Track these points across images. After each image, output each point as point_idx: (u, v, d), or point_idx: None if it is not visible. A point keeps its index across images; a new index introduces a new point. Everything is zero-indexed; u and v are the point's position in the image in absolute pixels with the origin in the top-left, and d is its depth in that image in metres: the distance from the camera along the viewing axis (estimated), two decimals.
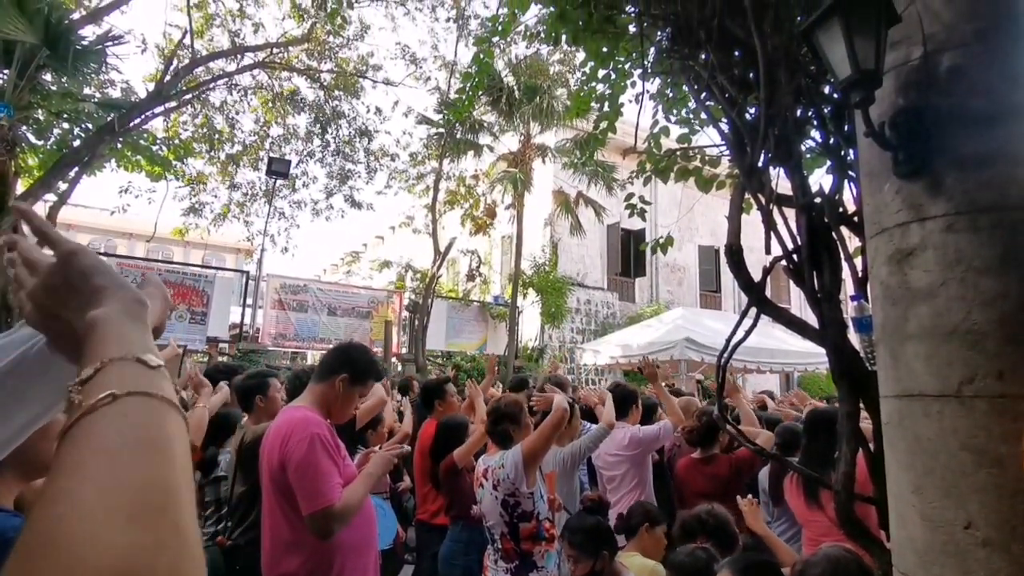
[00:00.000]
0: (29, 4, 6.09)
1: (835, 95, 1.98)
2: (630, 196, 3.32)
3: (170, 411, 0.45)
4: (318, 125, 12.24)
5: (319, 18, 10.66)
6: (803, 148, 2.24)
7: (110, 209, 11.33)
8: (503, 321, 12.71)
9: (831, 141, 2.05)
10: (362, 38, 12.05)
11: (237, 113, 12.19)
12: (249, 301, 10.36)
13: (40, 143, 8.74)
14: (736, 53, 2.16)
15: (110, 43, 7.15)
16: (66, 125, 8.58)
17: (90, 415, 0.41)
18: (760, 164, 2.00)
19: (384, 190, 14.25)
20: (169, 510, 0.38)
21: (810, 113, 2.09)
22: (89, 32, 7.50)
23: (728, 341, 2.02)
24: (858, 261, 1.95)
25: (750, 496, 2.84)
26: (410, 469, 3.96)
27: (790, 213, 2.02)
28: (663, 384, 4.10)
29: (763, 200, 1.99)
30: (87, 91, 8.58)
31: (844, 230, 1.96)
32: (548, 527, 2.64)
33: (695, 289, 17.09)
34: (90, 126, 8.00)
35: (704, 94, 2.33)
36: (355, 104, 12.45)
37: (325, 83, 11.95)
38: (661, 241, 3.27)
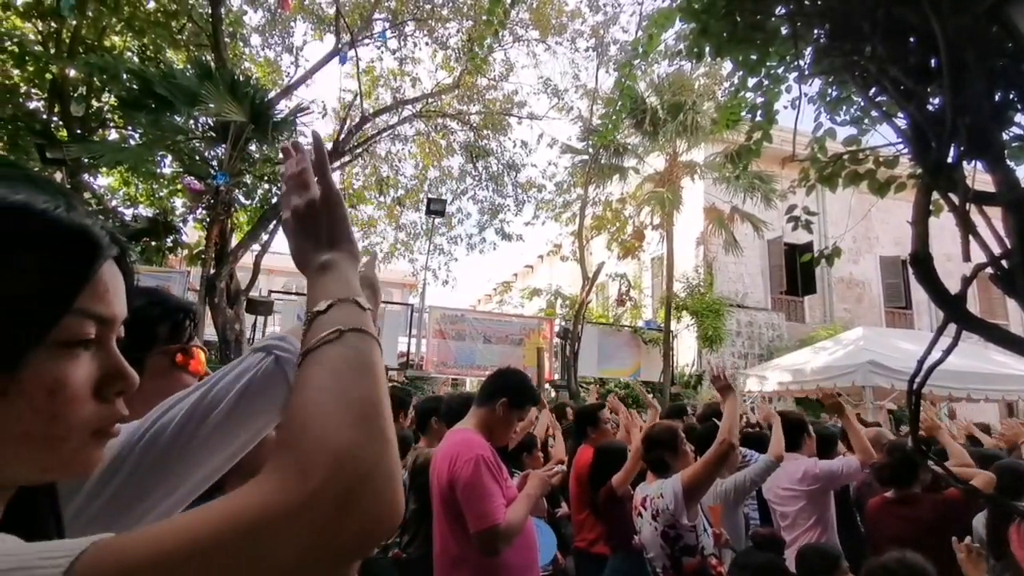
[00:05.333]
0: (239, 89, 7.43)
1: None
2: (792, 208, 3.08)
3: (375, 344, 0.58)
4: (470, 162, 13.13)
5: (462, 62, 11.53)
6: (1006, 136, 1.93)
7: None
8: (656, 346, 12.28)
9: None
10: (506, 77, 12.78)
11: (399, 160, 13.53)
12: (414, 332, 11.22)
13: (248, 202, 10.49)
14: (910, 40, 1.94)
15: (299, 113, 8.76)
16: (267, 186, 10.18)
17: (326, 344, 0.55)
18: (950, 159, 1.76)
19: (532, 220, 14.77)
20: (377, 418, 0.51)
21: (1012, 96, 1.81)
22: (282, 106, 9.23)
23: (920, 364, 1.77)
24: None
25: (968, 539, 2.40)
26: (566, 495, 3.96)
27: (993, 212, 1.74)
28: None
29: (956, 200, 1.75)
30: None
31: None
32: (715, 564, 2.47)
33: (878, 306, 15.18)
34: None
35: (874, 89, 2.12)
36: (502, 141, 13.17)
37: (474, 124, 12.80)
38: (827, 252, 2.97)
